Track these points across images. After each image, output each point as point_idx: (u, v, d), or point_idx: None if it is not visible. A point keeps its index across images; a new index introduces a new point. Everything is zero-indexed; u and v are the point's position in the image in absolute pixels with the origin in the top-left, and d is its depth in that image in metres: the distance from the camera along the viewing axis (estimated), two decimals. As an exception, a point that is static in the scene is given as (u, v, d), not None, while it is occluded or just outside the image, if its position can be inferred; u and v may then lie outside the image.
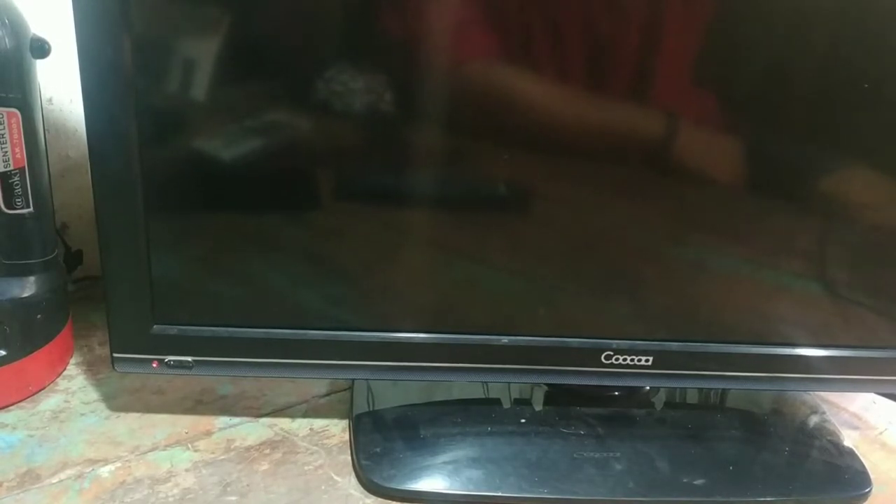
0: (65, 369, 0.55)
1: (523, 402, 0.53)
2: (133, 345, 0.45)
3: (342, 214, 0.43)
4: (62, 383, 0.53)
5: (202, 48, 0.38)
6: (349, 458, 0.48)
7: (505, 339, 0.46)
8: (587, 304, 0.47)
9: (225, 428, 0.50)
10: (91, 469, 0.45)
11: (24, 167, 0.47)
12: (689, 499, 0.46)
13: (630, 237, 0.45)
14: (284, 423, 0.51)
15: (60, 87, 0.61)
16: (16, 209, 0.47)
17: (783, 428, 0.53)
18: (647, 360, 0.47)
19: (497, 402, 0.53)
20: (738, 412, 0.56)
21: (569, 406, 0.52)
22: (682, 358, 0.48)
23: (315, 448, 0.49)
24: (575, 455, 0.48)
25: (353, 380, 0.54)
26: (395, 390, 0.53)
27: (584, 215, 0.44)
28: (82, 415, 0.50)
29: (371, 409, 0.51)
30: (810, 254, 0.46)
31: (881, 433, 0.56)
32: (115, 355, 0.45)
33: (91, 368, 0.55)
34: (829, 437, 0.53)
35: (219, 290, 0.44)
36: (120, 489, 0.44)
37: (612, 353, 0.47)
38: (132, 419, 0.50)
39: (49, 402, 0.51)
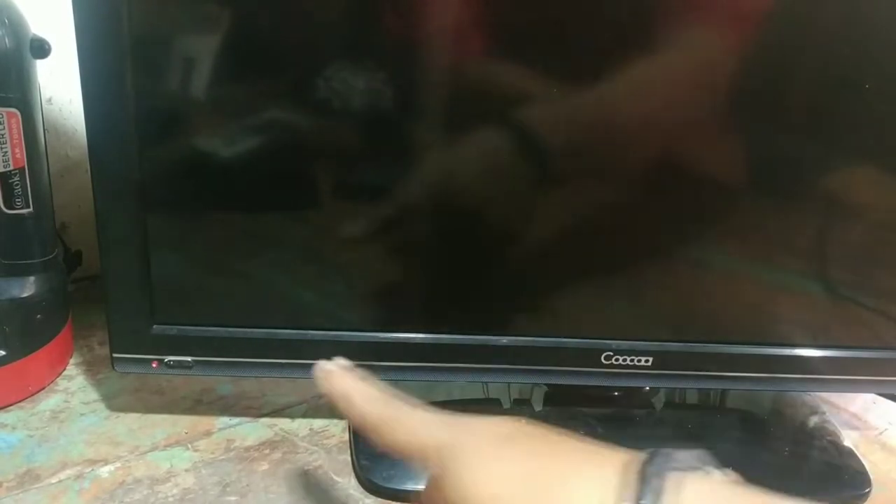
0: (64, 369, 0.55)
1: (523, 402, 0.53)
2: (133, 345, 0.45)
3: (342, 213, 0.43)
4: (62, 383, 0.53)
5: (202, 47, 0.38)
6: (349, 458, 0.48)
7: (505, 339, 0.46)
8: (587, 304, 0.47)
9: (225, 428, 0.50)
10: (91, 469, 0.45)
11: (23, 167, 0.47)
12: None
13: (630, 237, 0.45)
14: (284, 423, 0.51)
15: (60, 87, 0.61)
16: (15, 209, 0.47)
17: (783, 428, 0.53)
18: (647, 361, 0.47)
19: (497, 402, 0.53)
20: (738, 412, 0.55)
21: (569, 406, 0.52)
22: (682, 358, 0.48)
23: (315, 448, 0.49)
24: (575, 455, 0.48)
25: (352, 380, 0.54)
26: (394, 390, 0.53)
27: (583, 215, 0.44)
28: (82, 415, 0.50)
29: (371, 409, 0.51)
30: (810, 254, 0.46)
31: (881, 433, 0.56)
32: (115, 355, 0.45)
33: (91, 368, 0.55)
34: (829, 438, 0.53)
35: (219, 289, 0.44)
36: (120, 489, 0.44)
37: (612, 353, 0.47)
38: (132, 419, 0.50)
39: (49, 402, 0.51)
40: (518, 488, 0.28)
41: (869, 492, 0.48)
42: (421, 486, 0.44)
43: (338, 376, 0.36)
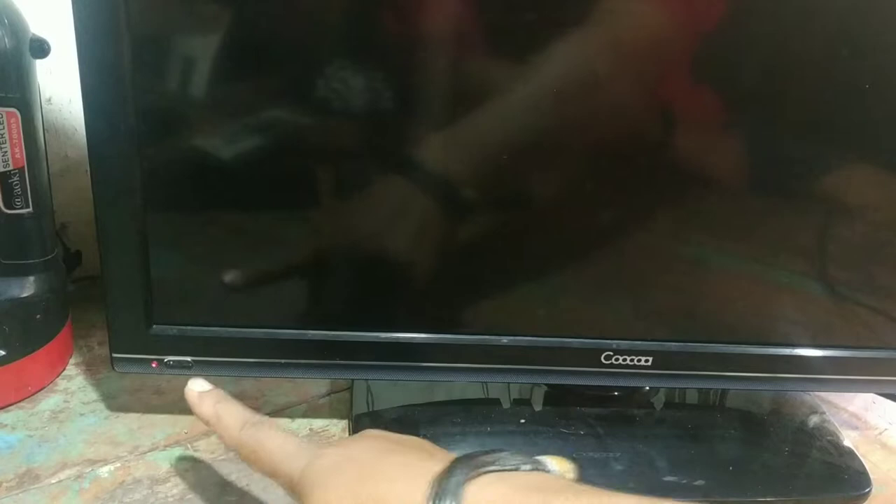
0: (64, 369, 0.55)
1: (523, 402, 0.53)
2: (132, 345, 0.45)
3: (342, 213, 0.43)
4: (61, 383, 0.53)
5: (201, 47, 0.38)
6: (349, 458, 0.48)
7: (505, 339, 0.46)
8: (587, 304, 0.47)
9: (225, 428, 0.50)
10: (90, 469, 0.45)
11: (23, 167, 0.47)
12: (689, 499, 0.46)
13: (630, 237, 0.45)
14: (284, 423, 0.51)
15: (60, 87, 0.61)
16: (15, 209, 0.47)
17: (783, 428, 0.53)
18: (647, 361, 0.47)
19: (497, 402, 0.53)
20: (738, 412, 0.55)
21: (568, 406, 0.52)
22: (682, 358, 0.48)
23: (315, 448, 0.49)
24: (575, 455, 0.48)
25: (352, 380, 0.54)
26: (394, 390, 0.53)
27: (584, 215, 0.44)
28: (82, 415, 0.50)
29: (371, 409, 0.51)
30: (810, 253, 0.46)
31: (881, 433, 0.56)
32: (115, 355, 0.45)
33: (90, 368, 0.55)
34: (828, 437, 0.53)
35: (219, 289, 0.44)
36: (119, 489, 0.44)
37: (612, 353, 0.47)
38: (132, 419, 0.50)
39: (48, 402, 0.51)
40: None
41: (869, 492, 0.48)
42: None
43: (207, 399, 0.40)
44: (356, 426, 0.49)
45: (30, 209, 0.48)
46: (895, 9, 0.39)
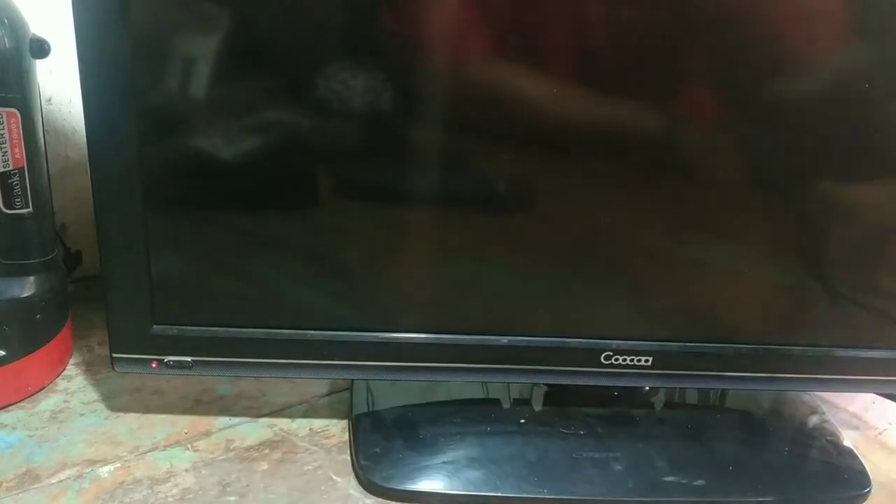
0: (64, 369, 0.55)
1: (523, 402, 0.53)
2: (132, 345, 0.45)
3: (342, 213, 0.43)
4: (61, 383, 0.53)
5: (201, 47, 0.38)
6: (349, 458, 0.48)
7: (505, 339, 0.46)
8: (587, 304, 0.47)
9: (224, 428, 0.50)
10: (90, 469, 0.45)
11: (23, 167, 0.47)
12: (688, 499, 0.46)
13: (630, 237, 0.45)
14: (284, 423, 0.51)
15: (60, 87, 0.61)
16: (15, 209, 0.47)
17: (783, 428, 0.53)
18: (646, 361, 0.47)
19: (497, 402, 0.53)
20: (738, 412, 0.56)
21: (568, 406, 0.52)
22: (682, 358, 0.47)
23: (315, 448, 0.49)
24: (574, 455, 0.48)
25: (352, 380, 0.54)
26: (394, 390, 0.53)
27: (584, 214, 0.44)
28: (82, 415, 0.50)
29: (370, 409, 0.51)
30: (810, 253, 0.46)
31: (881, 433, 0.56)
32: (115, 355, 0.45)
33: (90, 368, 0.55)
34: (828, 437, 0.53)
35: (219, 289, 0.44)
36: (119, 489, 0.44)
37: (611, 353, 0.47)
38: (132, 419, 0.50)
39: (48, 402, 0.51)
40: None
41: (869, 492, 0.48)
42: (420, 487, 0.45)
43: None
44: (356, 426, 0.49)
45: (30, 209, 0.48)
46: (895, 8, 0.39)
